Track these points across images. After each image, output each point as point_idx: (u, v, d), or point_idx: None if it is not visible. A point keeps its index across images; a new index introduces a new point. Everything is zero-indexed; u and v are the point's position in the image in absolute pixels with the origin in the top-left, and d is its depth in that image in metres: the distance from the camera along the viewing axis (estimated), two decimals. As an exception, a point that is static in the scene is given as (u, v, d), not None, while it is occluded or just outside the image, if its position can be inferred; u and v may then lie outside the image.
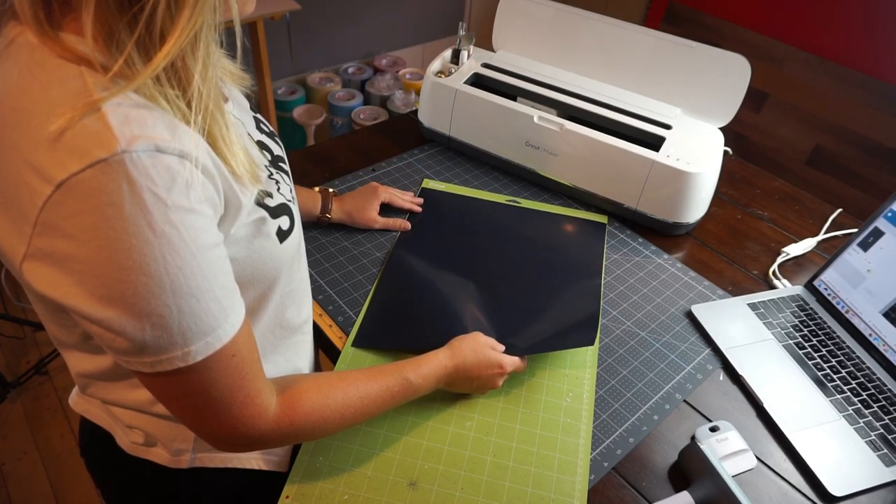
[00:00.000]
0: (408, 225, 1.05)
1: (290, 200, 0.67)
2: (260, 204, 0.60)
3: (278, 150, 0.73)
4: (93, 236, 0.45)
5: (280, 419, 0.61)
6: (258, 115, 0.74)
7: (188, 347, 0.50)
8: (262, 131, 0.71)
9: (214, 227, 0.52)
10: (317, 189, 1.04)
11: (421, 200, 1.11)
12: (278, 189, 0.65)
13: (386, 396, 0.69)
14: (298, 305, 0.74)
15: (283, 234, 0.64)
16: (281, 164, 0.71)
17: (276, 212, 0.63)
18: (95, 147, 0.44)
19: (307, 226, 1.05)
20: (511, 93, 1.19)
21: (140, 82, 0.47)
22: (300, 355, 0.78)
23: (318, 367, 1.23)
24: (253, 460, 0.75)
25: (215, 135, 0.52)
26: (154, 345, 0.49)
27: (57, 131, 0.44)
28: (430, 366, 0.74)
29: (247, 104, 0.71)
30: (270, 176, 0.65)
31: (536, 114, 1.12)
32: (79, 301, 0.47)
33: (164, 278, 0.47)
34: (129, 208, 0.45)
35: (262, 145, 0.69)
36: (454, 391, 0.79)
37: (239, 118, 0.65)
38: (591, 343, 0.84)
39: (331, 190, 1.05)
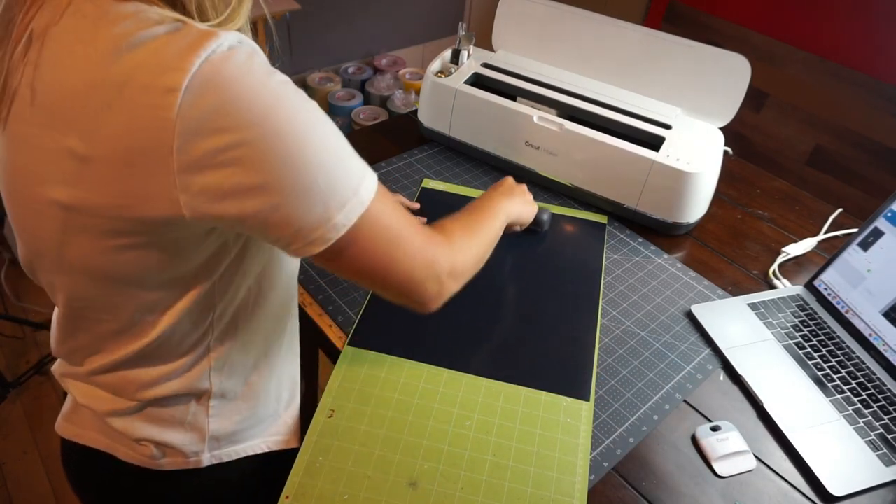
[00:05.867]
0: None
1: None
2: None
3: None
4: (235, 118, 0.46)
5: (443, 235, 0.66)
6: None
7: (360, 188, 0.53)
8: None
9: None
10: None
11: (417, 206, 1.10)
12: None
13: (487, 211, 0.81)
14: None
15: None
16: None
17: None
18: (203, 41, 0.46)
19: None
20: (511, 93, 1.19)
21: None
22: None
23: (315, 365, 1.23)
24: (263, 444, 0.74)
25: None
26: (338, 194, 0.51)
27: (159, 44, 0.46)
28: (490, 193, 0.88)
29: None
30: None
31: (536, 114, 1.12)
32: (261, 186, 0.48)
33: (314, 133, 0.50)
34: (257, 83, 0.47)
35: None
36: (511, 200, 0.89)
37: None
38: (587, 399, 0.82)
39: None
